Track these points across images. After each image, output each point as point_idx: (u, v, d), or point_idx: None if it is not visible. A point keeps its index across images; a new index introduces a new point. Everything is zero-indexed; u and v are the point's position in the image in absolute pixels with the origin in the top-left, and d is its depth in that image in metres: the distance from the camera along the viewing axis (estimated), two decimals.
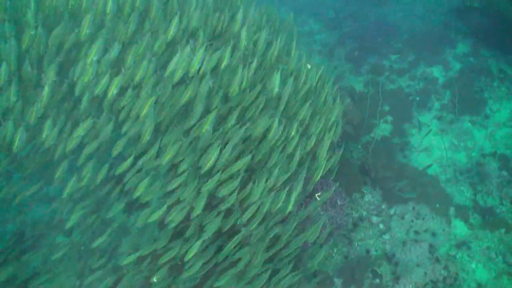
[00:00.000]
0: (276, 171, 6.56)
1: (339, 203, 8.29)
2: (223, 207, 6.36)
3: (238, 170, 6.43)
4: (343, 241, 8.90)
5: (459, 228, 9.06)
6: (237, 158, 6.68)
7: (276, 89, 6.84)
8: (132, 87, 6.28)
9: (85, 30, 6.08)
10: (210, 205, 6.73)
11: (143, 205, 6.57)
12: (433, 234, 8.91)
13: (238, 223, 6.53)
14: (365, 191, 9.61)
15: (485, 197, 9.45)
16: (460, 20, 13.94)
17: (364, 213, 9.30)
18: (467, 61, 12.57)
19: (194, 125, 6.40)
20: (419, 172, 10.07)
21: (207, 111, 6.54)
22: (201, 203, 6.19)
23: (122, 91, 6.36)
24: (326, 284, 8.45)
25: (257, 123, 6.60)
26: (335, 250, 8.79)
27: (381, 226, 9.12)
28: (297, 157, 6.89)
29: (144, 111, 6.06)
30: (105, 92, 6.16)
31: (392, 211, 9.30)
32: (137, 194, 6.08)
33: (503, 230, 8.85)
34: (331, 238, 8.56)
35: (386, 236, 8.98)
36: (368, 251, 8.81)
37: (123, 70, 6.13)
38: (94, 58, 5.95)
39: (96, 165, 6.23)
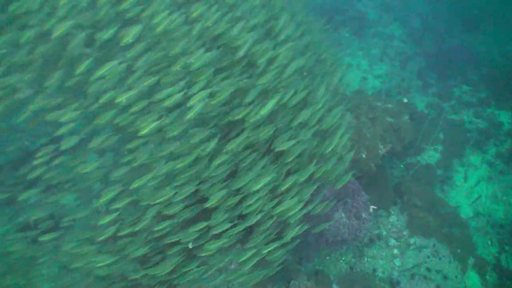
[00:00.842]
0: None
1: (363, 216, 7.97)
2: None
3: None
4: (354, 252, 8.62)
5: (472, 280, 8.63)
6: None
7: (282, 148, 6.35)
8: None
9: (129, 38, 5.82)
10: None
11: None
12: (444, 277, 8.51)
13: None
14: (392, 212, 9.23)
15: (510, 259, 8.93)
16: None
17: (384, 232, 8.96)
18: None
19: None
20: (452, 211, 9.58)
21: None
22: None
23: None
24: (324, 285, 8.25)
25: (246, 176, 6.17)
26: (343, 258, 8.54)
27: (396, 251, 8.77)
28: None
29: (146, 131, 5.81)
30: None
31: (412, 240, 8.92)
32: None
33: None
34: (344, 245, 8.29)
35: (397, 262, 8.65)
36: (375, 270, 8.52)
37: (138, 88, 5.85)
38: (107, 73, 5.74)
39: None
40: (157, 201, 5.95)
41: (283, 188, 6.34)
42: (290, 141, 6.24)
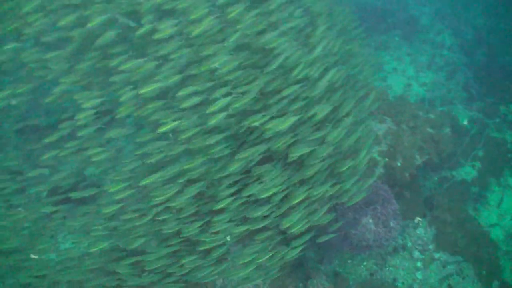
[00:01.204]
0: None
1: (391, 224, 7.74)
2: None
3: None
4: (377, 259, 8.42)
5: None
6: None
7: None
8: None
9: (162, 35, 5.76)
10: None
11: None
12: None
13: None
14: (420, 224, 8.94)
15: None
16: None
17: (409, 243, 8.71)
18: None
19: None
20: (482, 230, 9.21)
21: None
22: None
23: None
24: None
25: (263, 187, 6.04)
26: (365, 263, 8.35)
27: (419, 263, 8.52)
28: None
29: (165, 128, 5.76)
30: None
31: (437, 255, 8.63)
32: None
33: None
34: (368, 251, 8.09)
35: (419, 275, 8.40)
36: (395, 280, 8.31)
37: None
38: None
39: None
40: (163, 197, 5.96)
41: (294, 202, 6.17)
42: (305, 148, 6.08)
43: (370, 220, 7.56)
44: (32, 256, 6.35)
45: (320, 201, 6.56)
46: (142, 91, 5.69)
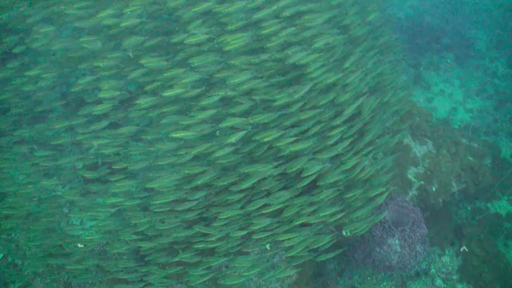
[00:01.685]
0: None
1: (417, 248, 7.55)
2: None
3: None
4: (397, 281, 8.23)
5: None
6: None
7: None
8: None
9: (193, 40, 5.89)
10: None
11: None
12: None
13: None
14: (447, 252, 8.67)
15: None
16: None
17: (433, 270, 8.46)
18: None
19: None
20: (510, 268, 8.85)
21: None
22: None
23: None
24: None
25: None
26: (384, 283, 8.19)
27: None
28: None
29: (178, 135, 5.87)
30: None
31: (459, 286, 8.35)
32: None
33: None
34: (389, 271, 7.92)
35: None
36: None
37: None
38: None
39: None
40: (166, 200, 6.09)
41: (296, 223, 6.20)
42: (319, 166, 6.01)
43: (397, 241, 7.39)
44: (79, 245, 6.54)
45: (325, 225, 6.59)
46: (166, 94, 5.82)
